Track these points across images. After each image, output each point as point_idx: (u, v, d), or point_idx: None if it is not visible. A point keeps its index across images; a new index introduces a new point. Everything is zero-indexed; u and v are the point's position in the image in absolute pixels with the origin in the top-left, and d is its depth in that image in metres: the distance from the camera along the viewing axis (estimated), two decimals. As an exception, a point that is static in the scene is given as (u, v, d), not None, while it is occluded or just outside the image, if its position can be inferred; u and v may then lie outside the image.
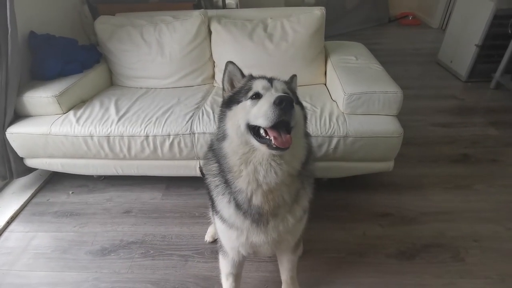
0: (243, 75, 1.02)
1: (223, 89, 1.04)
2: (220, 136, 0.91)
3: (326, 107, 1.75)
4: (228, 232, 1.03)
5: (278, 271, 1.37)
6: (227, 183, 0.93)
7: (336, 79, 1.81)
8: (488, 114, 2.67)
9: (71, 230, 1.75)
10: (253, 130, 0.83)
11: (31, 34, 1.94)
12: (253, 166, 0.85)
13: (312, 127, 1.63)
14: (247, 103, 0.87)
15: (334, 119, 1.65)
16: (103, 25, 2.12)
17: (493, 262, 1.49)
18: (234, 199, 0.94)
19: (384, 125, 1.63)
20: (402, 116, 1.72)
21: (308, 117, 1.61)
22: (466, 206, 1.80)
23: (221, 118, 0.94)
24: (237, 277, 1.27)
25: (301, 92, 1.88)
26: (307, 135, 0.97)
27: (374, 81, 1.72)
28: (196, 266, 1.52)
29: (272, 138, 0.78)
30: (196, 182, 1.97)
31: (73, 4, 2.43)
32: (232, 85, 1.02)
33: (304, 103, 1.76)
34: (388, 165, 1.76)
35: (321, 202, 1.83)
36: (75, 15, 2.45)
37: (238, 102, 0.90)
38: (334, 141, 1.63)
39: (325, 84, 2.10)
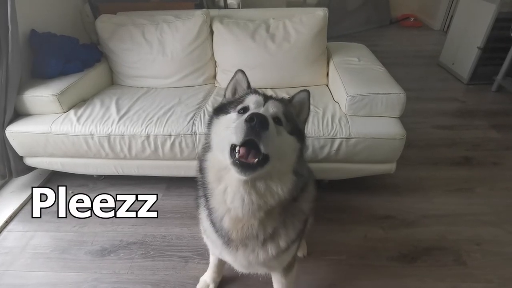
0: (249, 86, 0.96)
1: (224, 95, 1.01)
2: (207, 146, 0.87)
3: (328, 108, 1.74)
4: (207, 240, 1.04)
5: (279, 273, 1.37)
6: (206, 197, 0.88)
7: (339, 80, 1.80)
8: (489, 117, 2.67)
9: (70, 230, 1.74)
10: (233, 146, 0.74)
11: (32, 33, 1.93)
12: (224, 186, 0.80)
13: (314, 129, 1.62)
14: (232, 116, 0.83)
15: (336, 121, 1.65)
16: (104, 24, 2.10)
17: (495, 266, 1.48)
18: (209, 215, 0.89)
19: (386, 127, 1.63)
20: (403, 118, 1.71)
21: (311, 117, 1.63)
22: (468, 209, 1.79)
23: (208, 124, 0.90)
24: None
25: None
26: (298, 173, 0.82)
27: (377, 82, 1.71)
28: (196, 267, 1.51)
29: (237, 153, 0.71)
30: (197, 183, 1.95)
31: (74, 3, 2.42)
32: (234, 94, 0.98)
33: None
34: (390, 167, 1.75)
35: (322, 204, 1.82)
36: (76, 13, 2.44)
37: (227, 112, 0.86)
38: (337, 142, 1.62)
39: (327, 85, 2.09)
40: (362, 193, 1.91)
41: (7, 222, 1.79)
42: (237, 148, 0.72)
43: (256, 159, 0.71)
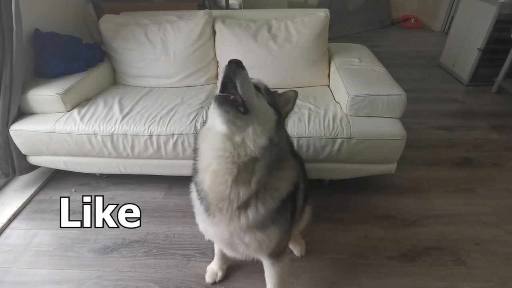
0: None
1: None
2: (204, 121, 0.98)
3: (330, 109, 1.75)
4: (197, 218, 1.11)
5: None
6: (194, 169, 0.96)
7: (340, 81, 1.82)
8: (489, 118, 2.68)
9: (73, 228, 1.75)
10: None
11: (36, 32, 1.94)
12: (208, 143, 0.88)
13: (316, 129, 1.63)
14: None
15: (337, 121, 1.66)
16: (108, 23, 2.12)
17: (494, 266, 1.50)
18: (195, 183, 0.97)
19: (387, 127, 1.64)
20: (403, 118, 1.72)
21: (312, 118, 1.66)
22: (468, 209, 1.80)
23: (209, 108, 1.01)
24: None
25: (304, 93, 1.91)
26: (272, 139, 0.87)
27: (378, 83, 1.73)
28: (198, 265, 1.53)
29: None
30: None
31: (77, 3, 2.44)
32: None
33: (308, 104, 1.79)
34: (391, 167, 1.77)
35: (323, 204, 1.84)
36: (79, 13, 2.46)
37: None
38: (338, 142, 1.63)
39: (328, 86, 2.10)
40: (362, 193, 1.92)
41: (10, 220, 1.80)
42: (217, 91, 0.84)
43: (232, 96, 0.80)
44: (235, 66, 0.79)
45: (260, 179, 0.90)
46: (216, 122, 0.84)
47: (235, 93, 0.80)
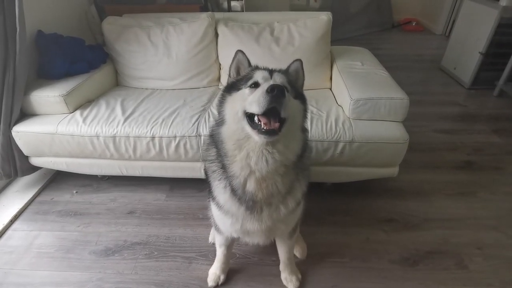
0: (250, 64, 1.07)
1: (229, 75, 1.09)
2: (220, 121, 0.96)
3: (332, 112, 1.75)
4: (223, 218, 1.08)
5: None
6: (224, 168, 0.96)
7: (342, 84, 1.82)
8: (491, 121, 2.68)
9: (75, 230, 1.75)
10: (249, 118, 0.87)
11: (39, 33, 1.95)
12: (246, 152, 0.89)
13: (318, 132, 1.64)
14: (245, 91, 0.92)
15: (340, 124, 1.66)
16: (111, 25, 2.12)
17: (495, 270, 1.50)
18: (230, 184, 0.97)
19: (390, 131, 1.64)
20: (405, 121, 1.72)
21: (314, 121, 1.66)
22: (469, 213, 1.80)
23: (221, 101, 0.99)
24: (229, 246, 1.39)
25: (306, 96, 1.90)
26: (304, 130, 1.00)
27: (380, 87, 1.73)
28: (200, 268, 1.52)
29: (262, 123, 0.83)
30: (200, 184, 1.97)
31: (80, 4, 2.45)
32: (238, 72, 1.08)
33: (310, 107, 1.78)
34: (393, 170, 1.76)
35: (325, 207, 1.84)
36: (82, 15, 2.46)
37: (238, 89, 0.95)
38: (340, 146, 1.63)
39: (330, 89, 2.10)
40: (365, 196, 1.92)
41: (11, 221, 1.80)
42: (256, 118, 0.85)
43: (278, 124, 0.83)
44: (280, 94, 0.80)
45: (297, 165, 0.96)
46: (253, 137, 0.87)
47: (273, 117, 0.83)
